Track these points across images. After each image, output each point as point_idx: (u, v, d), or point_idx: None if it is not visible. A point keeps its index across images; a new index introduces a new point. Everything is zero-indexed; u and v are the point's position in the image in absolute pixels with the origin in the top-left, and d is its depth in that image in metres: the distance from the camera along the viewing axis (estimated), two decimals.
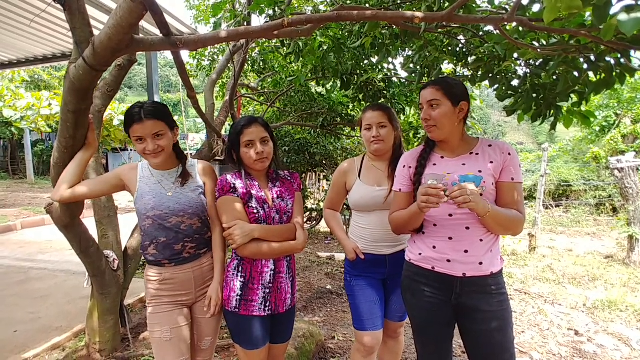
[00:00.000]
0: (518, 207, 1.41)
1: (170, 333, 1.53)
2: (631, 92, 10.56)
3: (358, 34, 2.33)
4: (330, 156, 6.45)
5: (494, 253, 1.43)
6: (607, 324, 3.49)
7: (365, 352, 1.86)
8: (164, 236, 1.53)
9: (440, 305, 1.47)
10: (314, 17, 1.28)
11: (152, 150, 1.47)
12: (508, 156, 1.43)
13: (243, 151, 1.56)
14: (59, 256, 5.07)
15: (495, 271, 1.42)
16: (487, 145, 1.48)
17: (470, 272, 1.41)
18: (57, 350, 2.70)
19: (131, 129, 1.45)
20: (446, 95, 1.42)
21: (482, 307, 1.41)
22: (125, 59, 2.35)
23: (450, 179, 1.43)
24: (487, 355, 1.43)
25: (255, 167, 1.57)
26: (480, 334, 1.42)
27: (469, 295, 1.42)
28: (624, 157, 6.03)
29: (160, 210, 1.51)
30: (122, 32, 1.18)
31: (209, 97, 3.31)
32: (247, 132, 1.54)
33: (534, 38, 1.70)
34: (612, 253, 6.15)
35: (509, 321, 1.43)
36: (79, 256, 2.24)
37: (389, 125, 1.83)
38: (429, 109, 1.46)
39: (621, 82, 1.49)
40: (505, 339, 1.41)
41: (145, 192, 1.53)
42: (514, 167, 1.42)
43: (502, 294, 1.44)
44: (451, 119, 1.44)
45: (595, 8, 1.03)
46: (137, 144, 1.48)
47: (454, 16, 1.11)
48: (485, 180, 1.40)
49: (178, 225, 1.53)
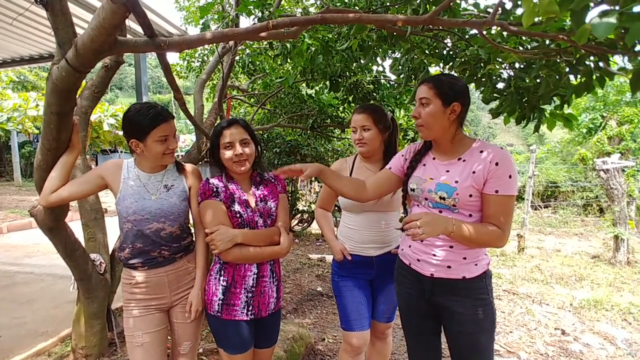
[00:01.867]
0: (497, 221, 1.33)
1: (142, 338, 1.51)
2: (617, 95, 10.77)
3: (346, 36, 2.34)
4: (321, 158, 6.45)
5: (468, 259, 1.40)
6: (593, 323, 3.55)
7: (353, 352, 1.88)
8: (141, 242, 1.51)
9: (415, 298, 1.54)
10: (298, 19, 1.29)
11: (174, 148, 1.51)
12: (494, 166, 1.32)
13: (222, 153, 1.54)
14: (46, 260, 4.99)
15: (469, 276, 1.39)
16: (478, 151, 1.39)
17: (437, 274, 1.42)
18: (43, 355, 2.66)
19: (157, 129, 1.44)
20: (438, 95, 1.36)
21: (455, 309, 1.42)
22: (112, 59, 2.33)
23: (428, 186, 1.43)
24: (459, 355, 1.47)
25: (234, 169, 1.55)
26: (456, 333, 1.45)
27: (441, 295, 1.45)
28: (610, 158, 6.14)
29: (141, 215, 1.50)
30: (105, 33, 1.17)
31: (198, 99, 3.29)
32: (226, 133, 1.53)
33: (517, 42, 1.73)
34: (599, 253, 6.25)
35: (484, 328, 1.41)
36: (64, 260, 2.21)
37: (373, 127, 1.82)
38: (419, 107, 1.42)
39: (601, 85, 1.52)
40: (477, 343, 1.41)
41: (128, 194, 1.51)
42: (500, 179, 1.32)
43: (480, 299, 1.41)
44: (440, 119, 1.38)
45: (573, 13, 1.05)
46: (158, 144, 1.46)
47: (436, 19, 1.12)
48: (459, 192, 1.35)
49: (158, 232, 1.52)
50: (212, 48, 5.18)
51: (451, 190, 1.36)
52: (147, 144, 1.47)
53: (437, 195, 1.40)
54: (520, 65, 1.84)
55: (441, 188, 1.39)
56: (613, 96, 10.81)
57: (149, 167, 1.57)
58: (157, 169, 1.58)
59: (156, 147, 1.47)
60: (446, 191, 1.37)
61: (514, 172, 1.34)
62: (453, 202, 1.36)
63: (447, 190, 1.37)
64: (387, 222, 1.88)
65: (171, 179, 1.60)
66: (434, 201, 1.42)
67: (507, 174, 1.32)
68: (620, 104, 10.78)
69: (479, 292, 1.41)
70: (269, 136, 6.43)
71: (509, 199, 1.33)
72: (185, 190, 1.61)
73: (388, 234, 1.88)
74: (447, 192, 1.37)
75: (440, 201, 1.39)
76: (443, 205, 1.40)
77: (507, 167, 1.32)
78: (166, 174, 1.60)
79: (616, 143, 10.22)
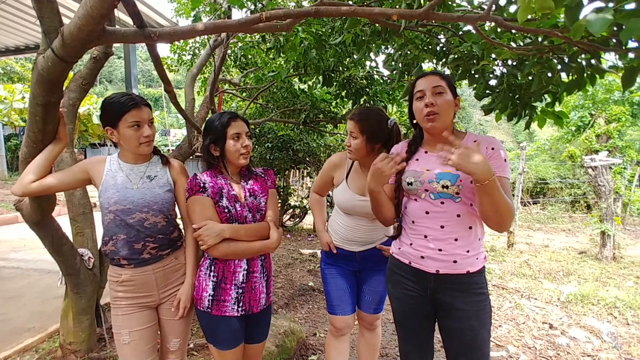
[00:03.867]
0: None
1: (129, 336, 1.50)
2: (605, 94, 10.92)
3: (340, 31, 2.32)
4: (313, 153, 6.44)
5: (471, 253, 1.41)
6: (579, 317, 3.62)
7: (337, 333, 2.01)
8: (125, 233, 1.48)
9: (416, 298, 1.50)
10: (292, 11, 1.27)
11: (149, 135, 1.48)
12: (492, 151, 1.38)
13: (229, 144, 1.51)
14: (33, 255, 4.91)
15: (472, 270, 1.40)
16: (472, 141, 1.42)
17: (443, 270, 1.41)
18: (30, 352, 2.61)
19: (127, 115, 1.42)
20: (448, 86, 1.41)
21: (457, 305, 1.41)
22: (101, 51, 2.28)
23: (428, 177, 1.43)
24: (458, 351, 1.45)
25: (239, 161, 1.54)
26: (455, 330, 1.44)
27: (444, 292, 1.43)
28: (598, 156, 6.24)
29: (123, 205, 1.47)
30: (93, 22, 1.14)
31: (189, 92, 3.25)
32: (234, 124, 1.52)
33: (510, 38, 1.73)
34: (586, 249, 6.37)
35: (484, 322, 1.42)
36: (51, 254, 2.17)
37: (359, 136, 1.76)
38: (433, 96, 1.38)
39: (592, 83, 1.53)
40: (477, 338, 1.41)
41: (110, 185, 1.48)
42: (497, 162, 1.36)
43: (481, 293, 1.42)
44: (452, 109, 1.42)
45: (568, 9, 1.05)
46: (131, 130, 1.44)
47: (431, 14, 1.11)
48: (462, 178, 1.35)
49: (141, 222, 1.49)
50: (203, 41, 5.11)
51: (454, 177, 1.36)
52: (120, 131, 1.44)
53: (440, 185, 1.39)
54: (513, 63, 1.85)
55: (443, 176, 1.38)
56: (602, 95, 10.96)
57: (131, 158, 1.54)
58: (140, 160, 1.56)
59: (129, 134, 1.44)
60: (449, 179, 1.37)
61: (507, 157, 1.41)
62: (457, 190, 1.36)
63: (450, 178, 1.37)
64: (373, 227, 1.91)
65: (154, 170, 1.57)
66: (435, 192, 1.41)
67: (502, 157, 1.38)
68: (609, 103, 10.93)
69: (479, 287, 1.42)
70: (261, 131, 6.39)
71: (507, 181, 1.36)
72: (170, 182, 1.58)
73: (373, 235, 1.93)
74: (450, 180, 1.37)
75: (443, 190, 1.39)
76: (446, 195, 1.40)
77: (501, 152, 1.39)
78: (150, 165, 1.57)
79: (604, 141, 10.37)
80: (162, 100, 23.19)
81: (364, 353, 2.11)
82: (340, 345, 2.03)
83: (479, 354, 1.42)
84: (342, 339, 2.02)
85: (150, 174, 1.55)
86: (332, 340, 2.05)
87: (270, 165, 6.31)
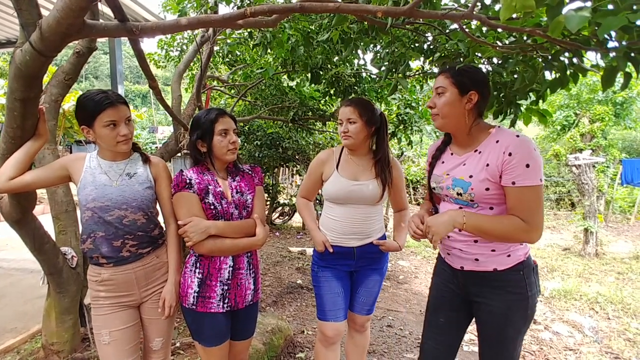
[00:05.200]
0: (520, 213, 1.26)
1: (109, 336, 1.48)
2: (589, 94, 11.15)
3: (327, 28, 2.32)
4: (302, 151, 6.43)
5: (497, 251, 1.36)
6: (562, 312, 3.69)
7: (327, 342, 1.90)
8: (103, 230, 1.45)
9: (451, 289, 1.54)
10: (277, 7, 1.26)
11: (127, 134, 1.44)
12: (507, 157, 1.26)
13: (217, 139, 1.51)
14: (16, 254, 4.81)
15: (501, 268, 1.36)
16: (494, 141, 1.33)
17: (467, 267, 1.43)
18: (12, 352, 2.56)
19: (103, 114, 1.38)
20: (454, 83, 1.35)
21: (486, 301, 1.41)
22: (84, 45, 2.24)
23: (446, 183, 1.43)
24: (484, 346, 1.48)
25: (226, 157, 1.54)
26: (482, 324, 1.46)
27: (474, 287, 1.45)
28: (582, 154, 6.36)
29: (101, 202, 1.44)
30: (72, 15, 1.11)
31: (175, 89, 3.21)
32: (222, 120, 1.52)
33: (495, 37, 1.75)
34: (570, 245, 6.50)
35: (513, 321, 1.38)
36: (33, 254, 2.12)
37: (358, 121, 1.81)
38: (435, 97, 1.41)
39: (575, 81, 1.55)
40: (503, 335, 1.40)
41: (89, 182, 1.46)
42: (515, 170, 1.24)
43: (514, 293, 1.36)
44: (456, 108, 1.36)
45: (549, 8, 1.07)
46: (107, 129, 1.41)
47: (415, 11, 1.12)
48: (474, 187, 1.32)
49: (120, 219, 1.46)
50: (190, 37, 5.05)
51: (466, 185, 1.34)
52: (96, 130, 1.41)
53: (455, 192, 1.39)
54: (498, 61, 1.87)
55: (457, 184, 1.38)
56: (586, 95, 11.19)
57: (110, 156, 1.51)
58: (119, 157, 1.53)
59: (105, 133, 1.41)
60: (461, 187, 1.36)
61: (534, 160, 1.24)
62: (470, 198, 1.35)
63: (463, 186, 1.36)
64: (369, 215, 1.88)
65: (134, 168, 1.54)
66: (453, 197, 1.42)
67: (523, 164, 1.24)
68: (593, 103, 11.18)
69: (514, 285, 1.37)
70: (250, 128, 6.35)
71: (530, 190, 1.24)
72: (150, 180, 1.55)
73: (370, 225, 1.89)
74: (463, 188, 1.35)
75: (459, 197, 1.39)
76: (462, 201, 1.39)
77: (523, 156, 1.24)
78: (129, 162, 1.55)
79: (588, 140, 10.61)
80: (149, 96, 22.86)
81: (352, 353, 2.08)
82: (331, 354, 1.94)
83: (504, 350, 1.41)
84: (332, 348, 1.93)
85: (129, 172, 1.53)
86: (321, 350, 1.94)
87: (259, 163, 6.28)
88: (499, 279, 1.37)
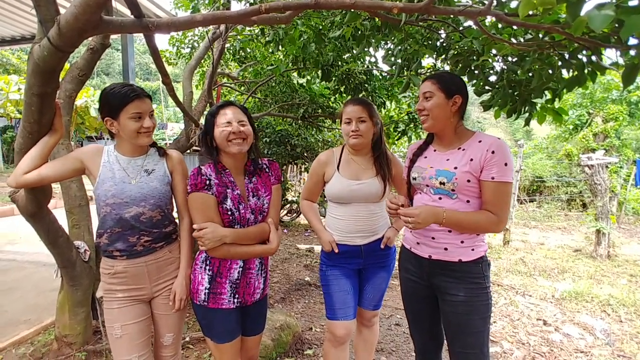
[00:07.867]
0: (493, 207, 1.43)
1: (121, 330, 1.49)
2: (603, 93, 10.94)
3: (339, 25, 2.31)
4: (311, 148, 6.43)
5: (465, 244, 1.49)
6: (573, 314, 3.65)
7: (336, 342, 1.89)
8: (120, 226, 1.47)
9: (416, 282, 1.64)
10: (292, 3, 1.26)
11: (150, 126, 1.47)
12: (490, 154, 1.42)
13: (218, 131, 1.47)
14: (29, 247, 4.89)
15: (465, 260, 1.49)
16: (477, 141, 1.50)
17: (435, 256, 1.53)
18: (25, 344, 2.61)
19: (129, 106, 1.41)
20: (440, 89, 1.50)
21: (450, 291, 1.51)
22: (98, 42, 2.26)
23: (429, 173, 1.54)
24: (452, 335, 1.55)
25: (231, 148, 1.47)
26: (448, 314, 1.54)
27: (438, 277, 1.54)
28: (594, 154, 6.25)
29: (120, 198, 1.45)
30: (90, 11, 1.12)
31: (187, 85, 3.23)
32: (222, 112, 1.49)
33: (511, 34, 1.72)
34: (581, 247, 6.40)
35: (477, 309, 1.48)
36: (47, 247, 2.16)
37: (368, 120, 1.82)
38: (423, 101, 1.55)
39: (592, 79, 1.53)
40: (469, 323, 1.49)
41: (108, 177, 1.47)
42: (496, 166, 1.41)
43: (475, 283, 1.49)
44: (444, 110, 1.51)
45: (569, 5, 1.05)
46: (132, 121, 1.43)
47: (432, 8, 1.10)
48: (457, 177, 1.45)
49: (137, 217, 1.47)
50: (202, 34, 5.07)
51: (450, 175, 1.47)
52: (121, 122, 1.43)
53: (438, 181, 1.50)
54: (513, 59, 1.84)
55: (441, 174, 1.50)
56: (600, 94, 10.98)
57: (128, 151, 1.52)
58: (137, 152, 1.54)
59: (130, 125, 1.43)
60: (446, 176, 1.48)
61: (510, 161, 1.43)
62: (452, 187, 1.47)
63: (447, 176, 1.48)
64: (374, 211, 1.88)
65: (152, 163, 1.55)
66: (434, 187, 1.53)
67: (502, 162, 1.42)
68: (607, 102, 10.95)
69: (474, 276, 1.49)
70: (259, 125, 6.36)
71: (505, 186, 1.42)
72: (167, 175, 1.56)
73: (375, 222, 1.89)
74: (447, 177, 1.47)
75: (440, 186, 1.50)
76: (443, 191, 1.50)
77: (503, 155, 1.42)
78: (147, 158, 1.56)
79: (601, 140, 10.41)
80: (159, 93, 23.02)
81: (361, 349, 2.09)
82: (341, 354, 1.93)
83: (472, 339, 1.49)
84: (341, 348, 1.91)
85: (147, 168, 1.54)
86: (331, 351, 1.92)
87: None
88: (462, 270, 1.49)
